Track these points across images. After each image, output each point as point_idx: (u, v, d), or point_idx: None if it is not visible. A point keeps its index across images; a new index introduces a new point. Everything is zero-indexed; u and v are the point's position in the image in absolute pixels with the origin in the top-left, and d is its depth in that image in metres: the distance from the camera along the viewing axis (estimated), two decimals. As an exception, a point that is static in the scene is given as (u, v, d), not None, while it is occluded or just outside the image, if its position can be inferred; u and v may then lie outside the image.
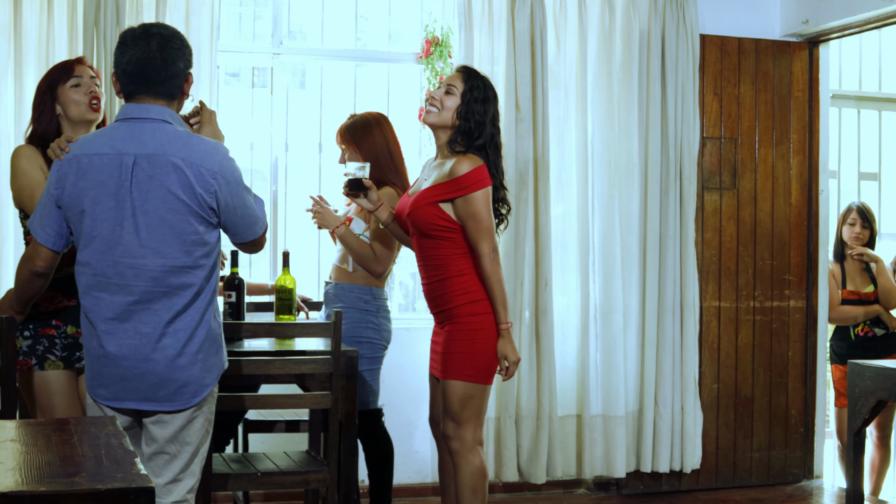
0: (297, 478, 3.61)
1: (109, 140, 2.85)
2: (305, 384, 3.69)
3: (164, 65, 2.85)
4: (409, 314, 5.72)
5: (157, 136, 2.82)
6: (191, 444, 2.92)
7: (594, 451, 5.18)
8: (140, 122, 2.85)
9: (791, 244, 5.57)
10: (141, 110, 2.86)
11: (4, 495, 1.62)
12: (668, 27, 5.23)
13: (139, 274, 2.82)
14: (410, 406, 5.13)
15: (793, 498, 5.37)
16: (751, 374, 5.50)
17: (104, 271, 2.83)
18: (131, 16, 4.63)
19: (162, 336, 2.83)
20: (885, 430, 5.36)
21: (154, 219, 2.80)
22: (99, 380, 2.88)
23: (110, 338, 2.83)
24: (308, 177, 5.54)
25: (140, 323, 2.82)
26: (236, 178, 2.88)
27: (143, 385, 2.84)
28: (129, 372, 2.84)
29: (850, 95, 6.36)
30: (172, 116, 2.89)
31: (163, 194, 2.80)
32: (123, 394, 2.86)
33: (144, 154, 2.80)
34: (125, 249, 2.81)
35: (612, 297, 5.18)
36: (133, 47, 2.85)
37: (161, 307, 2.83)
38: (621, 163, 5.20)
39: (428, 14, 5.34)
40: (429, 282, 3.65)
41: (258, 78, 8.05)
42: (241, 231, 2.93)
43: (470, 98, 3.60)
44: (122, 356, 2.83)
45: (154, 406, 2.86)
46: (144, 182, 2.79)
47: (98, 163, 2.82)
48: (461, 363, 3.56)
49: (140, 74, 2.85)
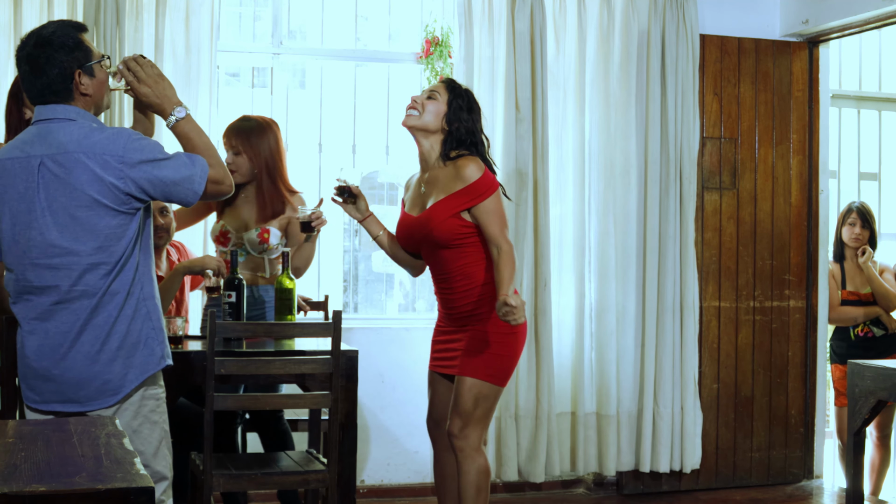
0: (297, 478, 3.61)
1: (20, 143, 2.85)
2: (305, 384, 3.69)
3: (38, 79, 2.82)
4: (409, 314, 5.74)
5: (61, 134, 2.79)
6: (145, 452, 2.89)
7: (590, 450, 5.19)
8: (47, 122, 2.82)
9: (791, 244, 5.57)
10: (46, 111, 2.84)
11: (4, 495, 1.62)
12: (667, 27, 5.23)
13: (57, 274, 2.79)
14: (410, 406, 5.13)
15: (793, 498, 5.37)
16: (751, 374, 5.51)
17: (25, 274, 2.82)
18: (131, 16, 4.63)
19: (80, 333, 2.81)
20: (885, 430, 5.36)
21: (64, 218, 2.77)
22: (26, 382, 2.89)
23: (32, 338, 2.84)
24: (308, 177, 5.54)
25: (59, 322, 2.81)
26: (146, 156, 2.78)
27: (63, 386, 2.83)
28: (48, 372, 2.83)
29: (850, 95, 6.36)
30: (78, 113, 2.83)
31: (70, 192, 2.76)
32: (47, 395, 2.86)
33: (49, 154, 2.77)
34: (40, 251, 2.79)
35: (607, 297, 5.18)
36: (18, 57, 2.87)
37: (80, 306, 2.80)
38: (619, 163, 5.21)
39: (428, 14, 5.34)
40: (456, 293, 3.59)
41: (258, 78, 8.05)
42: (182, 197, 2.84)
43: (455, 106, 3.61)
44: (41, 356, 2.83)
45: (77, 407, 2.82)
46: (51, 182, 2.76)
47: (9, 167, 2.82)
48: (486, 363, 3.54)
49: (27, 92, 2.86)
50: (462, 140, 3.60)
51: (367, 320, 5.47)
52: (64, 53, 2.83)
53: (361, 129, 5.64)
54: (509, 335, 3.56)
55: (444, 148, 3.62)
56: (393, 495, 5.15)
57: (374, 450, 5.14)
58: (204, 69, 4.77)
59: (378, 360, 5.11)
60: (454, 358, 3.62)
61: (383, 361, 5.13)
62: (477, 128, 3.63)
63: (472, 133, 3.61)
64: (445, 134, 3.62)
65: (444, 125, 3.61)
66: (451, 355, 3.64)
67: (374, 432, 5.12)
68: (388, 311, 6.57)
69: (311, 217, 3.96)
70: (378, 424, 5.13)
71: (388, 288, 7.20)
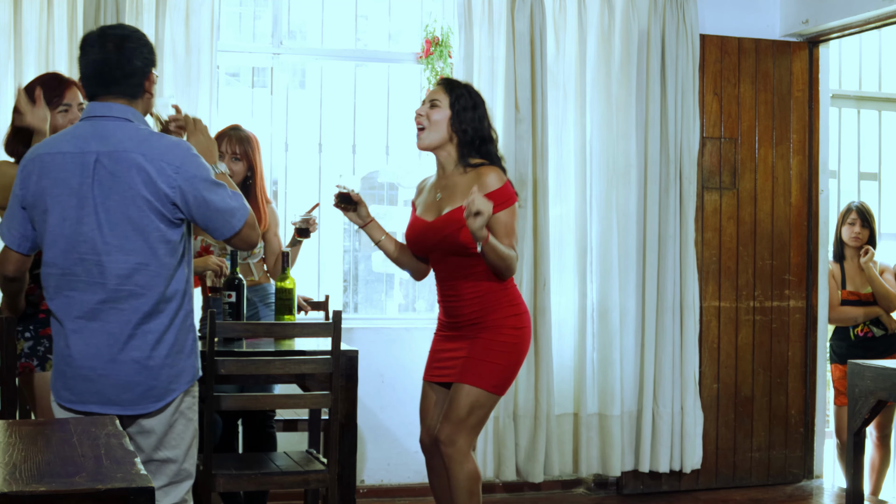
0: (297, 478, 3.61)
1: (72, 138, 2.83)
2: (305, 384, 3.69)
3: (120, 64, 2.83)
4: (409, 314, 5.74)
5: (118, 133, 2.80)
6: (178, 448, 2.89)
7: (591, 450, 5.19)
8: (102, 119, 2.82)
9: (791, 244, 5.57)
10: (104, 108, 2.84)
11: (4, 495, 1.62)
12: (667, 27, 5.23)
13: (105, 272, 2.78)
14: (410, 406, 5.11)
15: (793, 498, 5.37)
16: (751, 374, 5.51)
17: (72, 269, 2.80)
18: (131, 16, 4.63)
19: (130, 338, 2.79)
20: (884, 430, 5.36)
21: (116, 216, 2.77)
22: (63, 381, 2.84)
23: (77, 336, 2.81)
24: (308, 177, 5.54)
25: (108, 322, 2.79)
26: (201, 174, 2.82)
27: (106, 387, 2.80)
28: (93, 373, 2.80)
29: (850, 95, 6.35)
30: (135, 115, 2.86)
31: (125, 191, 2.76)
32: (86, 396, 2.81)
33: (106, 151, 2.77)
34: (90, 246, 2.78)
35: (609, 297, 5.18)
36: (90, 50, 2.84)
37: (129, 307, 2.79)
38: (620, 163, 5.21)
39: (428, 14, 5.34)
40: (463, 300, 3.56)
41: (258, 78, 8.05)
42: (219, 226, 2.86)
43: (459, 108, 3.57)
44: (88, 356, 2.80)
45: (117, 410, 2.80)
46: (106, 179, 2.77)
47: (60, 161, 2.80)
48: (488, 372, 3.51)
49: (97, 76, 2.83)
50: (473, 143, 3.57)
51: (367, 320, 5.47)
52: (147, 51, 2.89)
53: (361, 129, 5.64)
54: (515, 345, 3.55)
55: (461, 155, 3.58)
56: (393, 495, 5.15)
57: (374, 450, 5.14)
58: (204, 69, 4.77)
59: (378, 360, 5.11)
60: (454, 367, 3.58)
61: (383, 361, 5.13)
62: (484, 124, 3.60)
63: (478, 131, 3.58)
64: (457, 140, 3.59)
65: (452, 132, 3.58)
66: (451, 364, 3.60)
67: (374, 432, 5.12)
68: (388, 311, 6.56)
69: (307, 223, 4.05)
70: (378, 424, 5.13)
71: (388, 288, 7.20)
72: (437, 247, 3.59)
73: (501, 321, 3.53)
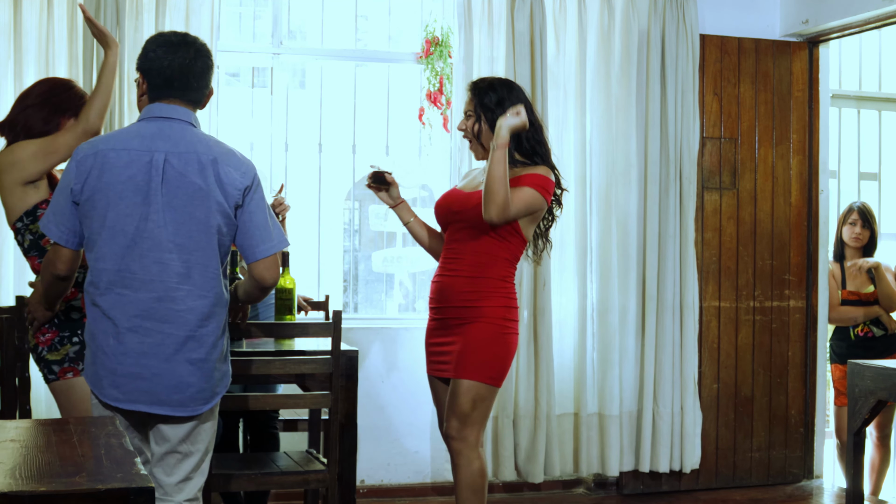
0: (297, 478, 3.61)
1: (137, 137, 2.86)
2: (305, 384, 3.69)
3: (201, 74, 2.93)
4: (409, 314, 5.73)
5: (186, 135, 2.87)
6: (202, 443, 2.93)
7: (590, 450, 5.19)
8: (168, 121, 2.88)
9: (791, 244, 5.57)
10: (169, 110, 2.89)
11: (4, 495, 1.62)
12: (667, 27, 5.23)
13: (165, 269, 2.81)
14: (410, 406, 5.13)
15: (793, 498, 5.37)
16: (751, 374, 5.51)
17: (129, 266, 2.81)
18: (131, 16, 4.63)
19: (189, 339, 2.82)
20: (884, 430, 5.36)
21: (183, 215, 2.81)
22: (111, 379, 2.83)
23: (133, 335, 2.81)
24: (308, 177, 5.54)
25: (165, 322, 2.81)
26: (261, 186, 2.93)
27: (158, 386, 2.81)
28: (147, 371, 2.81)
29: (850, 95, 6.36)
30: (197, 121, 2.95)
31: (194, 191, 2.82)
32: (136, 395, 2.82)
33: (176, 152, 2.83)
34: (152, 244, 2.80)
35: (609, 297, 5.18)
36: (175, 52, 2.91)
37: (185, 309, 2.82)
38: (619, 163, 5.21)
39: (428, 14, 5.34)
40: (457, 274, 3.57)
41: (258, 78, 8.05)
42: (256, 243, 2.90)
43: (483, 112, 3.57)
44: (143, 353, 2.81)
45: (166, 410, 2.82)
46: (175, 179, 2.81)
47: (126, 158, 2.82)
48: (484, 364, 3.52)
49: (179, 79, 2.90)
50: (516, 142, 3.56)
51: (367, 320, 5.47)
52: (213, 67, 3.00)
53: (361, 129, 5.64)
54: (507, 335, 3.55)
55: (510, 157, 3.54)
56: (393, 495, 5.15)
57: (374, 450, 5.14)
58: (204, 69, 4.76)
59: (378, 360, 5.11)
60: (448, 362, 3.59)
61: (383, 361, 5.13)
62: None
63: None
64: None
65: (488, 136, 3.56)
66: (446, 358, 3.61)
67: (374, 432, 5.12)
68: (388, 311, 6.57)
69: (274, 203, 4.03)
70: (378, 424, 5.13)
71: (388, 288, 7.20)
72: (461, 214, 3.57)
73: (492, 311, 3.53)
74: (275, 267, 2.94)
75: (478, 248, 3.54)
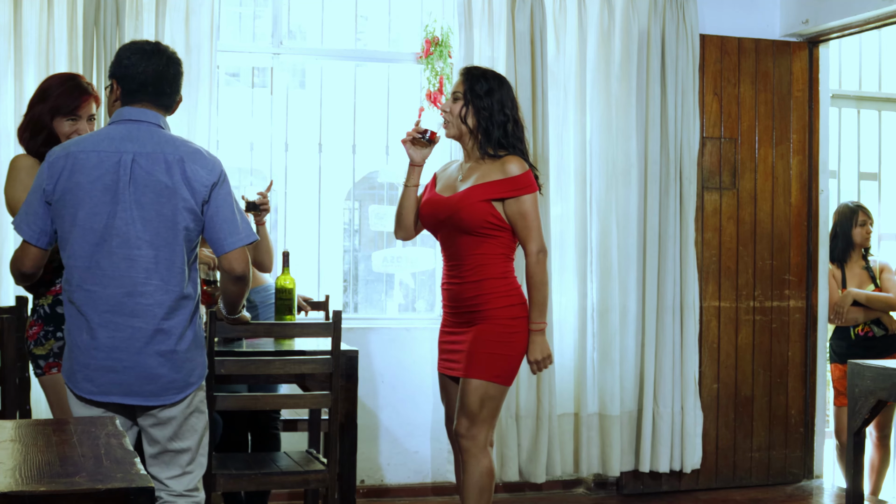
0: (297, 478, 3.61)
1: (107, 139, 2.97)
2: (305, 384, 3.69)
3: (173, 80, 3.05)
4: (409, 314, 5.73)
5: (154, 136, 2.97)
6: (192, 438, 3.01)
7: (591, 450, 5.19)
8: (137, 123, 2.99)
9: (791, 244, 5.57)
10: (139, 113, 3.00)
11: (4, 495, 1.62)
12: (667, 27, 5.23)
13: (133, 265, 2.91)
14: (410, 406, 5.13)
15: (793, 498, 5.37)
16: (751, 374, 5.51)
17: (99, 263, 2.91)
18: (131, 16, 4.63)
19: (157, 332, 2.92)
20: (884, 430, 5.36)
21: (150, 212, 2.91)
22: (84, 373, 2.93)
23: (104, 330, 2.91)
24: (308, 177, 5.54)
25: (134, 317, 2.91)
26: (227, 182, 3.01)
27: (130, 378, 2.91)
28: (119, 364, 2.91)
29: (850, 95, 6.35)
30: (165, 123, 3.05)
31: (160, 189, 2.92)
32: (109, 388, 2.92)
33: (143, 152, 2.93)
34: (121, 241, 2.90)
35: (609, 297, 5.18)
36: (149, 59, 3.02)
37: (154, 302, 2.91)
38: (620, 163, 5.21)
39: (428, 14, 5.34)
40: (463, 281, 3.59)
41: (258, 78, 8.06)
42: (223, 237, 2.98)
43: (472, 97, 3.59)
44: (114, 347, 2.90)
45: (139, 401, 2.93)
46: (142, 178, 2.91)
47: (95, 159, 2.92)
48: (491, 363, 3.53)
49: (154, 84, 3.01)
50: (489, 133, 3.57)
51: (367, 320, 5.47)
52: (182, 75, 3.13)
53: (361, 129, 5.64)
54: (514, 334, 3.56)
55: (480, 143, 3.59)
56: (393, 495, 5.15)
57: (373, 450, 5.14)
58: (204, 69, 4.76)
59: (378, 360, 5.11)
60: (458, 361, 3.60)
61: (383, 361, 5.13)
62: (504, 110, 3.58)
63: (490, 120, 3.56)
64: (475, 128, 3.59)
65: (469, 121, 3.59)
66: (456, 357, 3.62)
67: (373, 432, 5.12)
68: (388, 311, 6.56)
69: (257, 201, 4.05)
70: (378, 424, 5.13)
71: (388, 288, 7.20)
72: (449, 223, 3.59)
73: (497, 311, 3.54)
74: (244, 258, 3.03)
75: (473, 250, 3.57)
